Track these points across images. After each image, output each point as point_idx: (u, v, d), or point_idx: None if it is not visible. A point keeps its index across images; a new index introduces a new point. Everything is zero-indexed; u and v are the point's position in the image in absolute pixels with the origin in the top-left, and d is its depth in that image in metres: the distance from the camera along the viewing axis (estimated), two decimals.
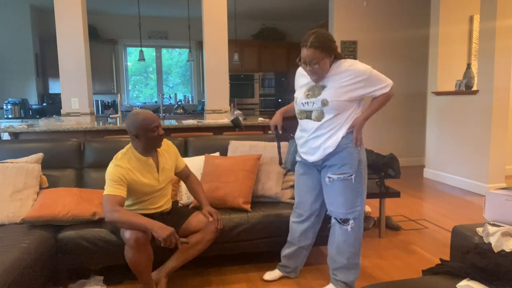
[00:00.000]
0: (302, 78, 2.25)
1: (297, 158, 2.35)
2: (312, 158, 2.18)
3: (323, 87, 2.09)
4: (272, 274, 2.51)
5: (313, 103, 2.10)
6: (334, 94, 2.05)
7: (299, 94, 2.20)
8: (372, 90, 2.09)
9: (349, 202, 2.14)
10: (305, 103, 2.14)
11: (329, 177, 2.14)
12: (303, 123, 2.21)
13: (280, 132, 2.38)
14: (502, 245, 1.67)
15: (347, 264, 2.22)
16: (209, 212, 2.33)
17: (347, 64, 2.08)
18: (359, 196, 2.17)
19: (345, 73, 2.06)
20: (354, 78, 2.05)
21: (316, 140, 2.14)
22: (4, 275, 1.73)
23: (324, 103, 2.05)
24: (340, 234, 2.20)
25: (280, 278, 2.52)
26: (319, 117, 2.10)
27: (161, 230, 2.02)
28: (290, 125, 2.36)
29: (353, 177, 2.12)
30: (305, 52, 2.03)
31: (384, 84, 2.09)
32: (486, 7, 4.41)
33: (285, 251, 2.49)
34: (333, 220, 2.23)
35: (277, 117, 2.40)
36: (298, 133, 2.28)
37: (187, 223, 2.32)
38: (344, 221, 2.17)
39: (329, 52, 2.04)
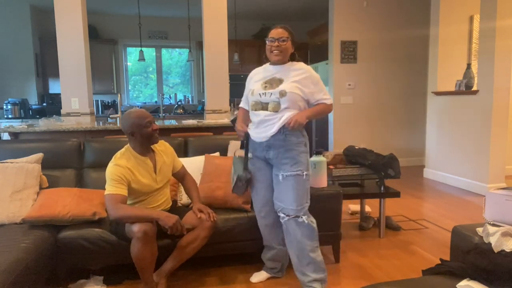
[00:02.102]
0: (257, 75, 2.36)
1: (250, 155, 2.38)
2: (262, 135, 2.23)
3: (281, 80, 2.23)
4: (259, 276, 2.52)
5: (271, 93, 2.21)
6: (291, 86, 2.20)
7: (256, 86, 2.29)
8: (316, 95, 2.26)
9: (299, 199, 2.22)
10: (263, 93, 2.23)
11: (282, 175, 2.22)
12: (257, 113, 2.26)
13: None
14: (502, 245, 1.67)
15: (313, 257, 2.24)
16: (199, 209, 2.34)
17: (300, 64, 2.31)
18: (308, 193, 2.27)
19: (300, 70, 2.26)
20: (307, 78, 2.25)
21: (269, 122, 2.21)
22: (4, 275, 1.73)
23: (282, 93, 2.18)
24: (297, 228, 2.23)
25: (273, 278, 2.53)
26: (276, 108, 2.19)
27: (167, 219, 2.12)
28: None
29: (304, 174, 2.23)
30: (275, 31, 2.24)
31: (328, 96, 2.30)
32: (486, 7, 4.41)
33: (267, 255, 2.50)
34: (286, 218, 2.24)
35: (242, 125, 2.42)
36: (252, 119, 2.33)
37: (183, 221, 2.32)
38: (296, 217, 2.23)
39: (293, 41, 2.28)
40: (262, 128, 2.24)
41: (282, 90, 2.18)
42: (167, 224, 2.11)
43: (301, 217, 2.22)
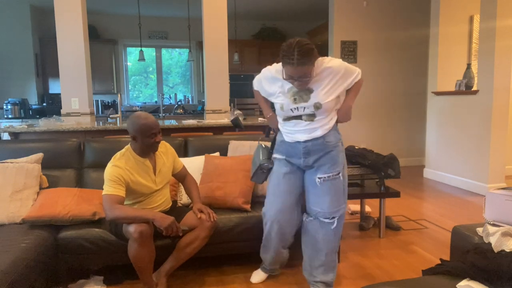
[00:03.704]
0: (278, 83, 2.15)
1: (278, 156, 2.27)
2: (302, 137, 2.13)
3: (310, 91, 2.07)
4: (258, 276, 2.49)
5: (304, 108, 2.08)
6: (325, 96, 2.06)
7: (285, 101, 2.11)
8: (349, 82, 2.14)
9: (335, 201, 2.16)
10: (295, 108, 2.10)
11: (319, 177, 2.14)
12: (292, 123, 2.16)
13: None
14: (502, 245, 1.67)
15: (326, 261, 2.21)
16: (199, 209, 2.34)
17: (324, 63, 2.07)
18: (345, 194, 2.21)
19: (326, 71, 2.06)
20: (335, 77, 2.08)
21: (307, 128, 2.12)
22: (4, 275, 1.73)
23: (318, 106, 2.06)
24: (320, 230, 2.18)
25: (278, 277, 2.52)
26: (311, 118, 2.10)
27: (162, 220, 2.11)
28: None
29: (340, 175, 2.15)
30: (292, 71, 1.95)
31: (356, 73, 2.15)
32: (486, 7, 4.41)
33: (268, 256, 2.42)
34: (310, 218, 2.21)
35: (276, 120, 2.31)
36: (287, 129, 2.20)
37: (182, 221, 2.33)
38: (328, 219, 2.18)
39: (314, 61, 1.99)
40: (299, 133, 2.13)
41: (316, 103, 2.05)
42: (162, 225, 2.11)
43: (332, 220, 2.16)
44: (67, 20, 4.35)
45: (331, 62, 2.08)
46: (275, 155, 2.29)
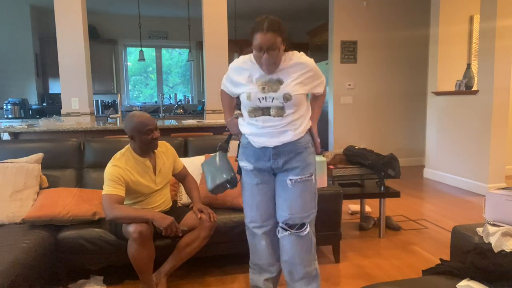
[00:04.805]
0: (245, 73, 2.01)
1: (245, 164, 2.09)
2: (271, 141, 1.98)
3: (280, 81, 1.94)
4: None
5: (273, 98, 1.93)
6: (295, 88, 1.93)
7: (253, 89, 1.96)
8: (315, 84, 2.03)
9: (307, 205, 2.02)
10: (263, 98, 1.94)
11: (290, 179, 1.99)
12: (259, 119, 1.98)
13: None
14: (502, 245, 1.67)
15: (307, 272, 2.03)
16: (199, 209, 2.34)
17: (296, 56, 1.99)
18: (316, 196, 2.06)
19: (298, 66, 1.96)
20: (307, 72, 1.97)
21: (276, 128, 1.97)
22: (4, 275, 1.73)
23: (287, 97, 1.91)
24: (296, 242, 1.99)
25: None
26: (280, 113, 1.94)
27: (162, 220, 2.11)
28: None
29: (313, 177, 2.04)
30: (261, 37, 1.83)
31: (321, 79, 2.05)
32: (486, 7, 4.41)
33: (264, 276, 2.15)
34: (285, 232, 2.00)
35: (237, 125, 2.17)
36: (252, 129, 2.04)
37: (182, 222, 2.33)
38: (300, 227, 1.99)
39: (284, 38, 1.89)
40: (268, 136, 1.98)
41: (286, 93, 1.91)
42: (162, 225, 2.11)
43: (305, 229, 2.00)
44: (67, 20, 4.35)
45: (303, 58, 1.99)
46: (242, 163, 2.11)
